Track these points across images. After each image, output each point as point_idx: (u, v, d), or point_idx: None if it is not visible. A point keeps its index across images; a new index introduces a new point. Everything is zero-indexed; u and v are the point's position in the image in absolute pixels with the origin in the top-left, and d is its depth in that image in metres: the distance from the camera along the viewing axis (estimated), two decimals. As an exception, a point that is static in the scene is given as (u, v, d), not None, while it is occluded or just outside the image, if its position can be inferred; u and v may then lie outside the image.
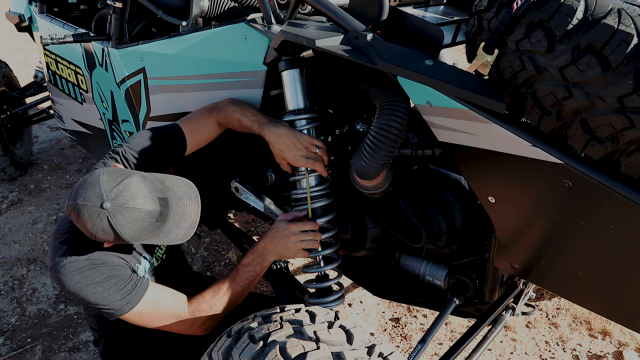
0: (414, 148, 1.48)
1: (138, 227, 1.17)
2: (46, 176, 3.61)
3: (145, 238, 1.21)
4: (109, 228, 1.15)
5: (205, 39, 1.58)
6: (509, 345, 2.23)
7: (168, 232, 1.24)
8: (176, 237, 1.25)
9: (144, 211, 1.17)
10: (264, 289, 2.57)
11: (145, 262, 1.44)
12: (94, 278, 1.25)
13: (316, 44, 1.19)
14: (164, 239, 1.24)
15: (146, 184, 1.20)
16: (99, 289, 1.25)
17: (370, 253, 1.67)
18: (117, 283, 1.27)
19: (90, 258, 1.27)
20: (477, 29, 1.09)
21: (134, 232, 1.17)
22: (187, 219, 1.26)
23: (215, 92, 1.62)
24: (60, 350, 2.17)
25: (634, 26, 0.83)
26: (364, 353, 1.06)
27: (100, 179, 1.16)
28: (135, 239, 1.19)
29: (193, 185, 1.32)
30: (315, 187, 1.45)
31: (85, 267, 1.25)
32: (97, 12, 2.38)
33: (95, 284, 1.25)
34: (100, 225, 1.15)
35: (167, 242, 1.26)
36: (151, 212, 1.18)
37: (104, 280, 1.26)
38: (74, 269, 1.24)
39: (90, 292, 1.25)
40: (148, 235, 1.21)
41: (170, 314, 1.34)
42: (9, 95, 3.51)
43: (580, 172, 0.94)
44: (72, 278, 1.24)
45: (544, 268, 1.16)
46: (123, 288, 1.27)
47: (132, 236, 1.18)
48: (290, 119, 1.43)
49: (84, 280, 1.24)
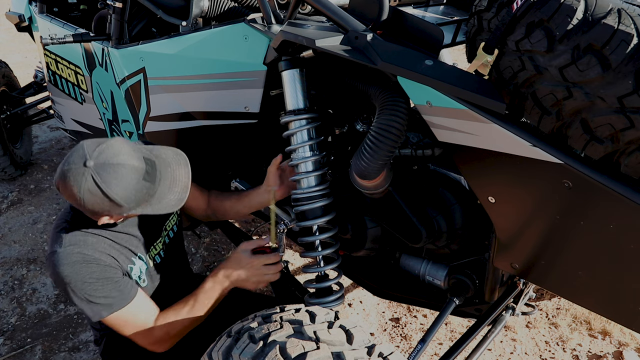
0: (414, 148, 1.48)
1: (125, 184, 1.14)
2: (46, 176, 3.61)
3: (137, 202, 1.18)
4: (95, 187, 1.11)
5: (205, 39, 1.58)
6: (509, 345, 2.23)
7: (160, 198, 1.22)
8: (170, 203, 1.23)
9: (129, 166, 1.14)
10: (264, 289, 2.57)
11: (140, 263, 1.42)
12: (84, 275, 1.23)
13: (316, 44, 1.19)
14: (157, 206, 1.22)
15: (129, 144, 1.19)
16: (87, 288, 1.24)
17: (370, 253, 1.67)
18: (105, 286, 1.26)
19: (83, 252, 1.25)
20: (477, 29, 1.09)
21: (122, 191, 1.13)
22: (179, 183, 1.24)
23: (215, 92, 1.62)
24: (60, 350, 2.17)
25: (634, 26, 0.83)
26: (364, 353, 1.06)
27: (84, 144, 1.16)
28: (126, 200, 1.15)
29: (181, 152, 1.31)
30: (315, 187, 1.45)
31: (77, 262, 1.23)
32: (97, 12, 2.38)
33: (84, 282, 1.23)
34: (86, 186, 1.11)
35: (161, 210, 1.23)
36: (137, 167, 1.16)
37: (94, 280, 1.24)
38: (66, 262, 1.23)
39: (78, 288, 1.24)
40: (139, 197, 1.17)
41: (143, 325, 1.34)
42: (9, 95, 3.51)
43: (580, 172, 0.94)
44: (64, 270, 1.22)
45: (544, 268, 1.16)
46: (109, 294, 1.26)
47: (122, 196, 1.14)
48: (290, 119, 1.43)
49: (74, 274, 1.23)
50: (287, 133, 1.46)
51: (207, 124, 1.75)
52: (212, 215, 1.76)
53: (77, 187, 1.12)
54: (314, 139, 1.45)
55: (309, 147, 1.44)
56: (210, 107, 1.68)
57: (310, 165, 1.45)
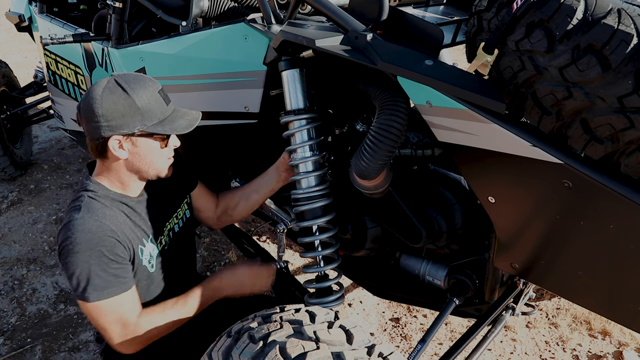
0: (414, 148, 1.48)
1: (143, 85, 1.24)
2: (46, 176, 3.61)
3: (152, 112, 1.24)
4: (115, 85, 1.21)
5: (205, 39, 1.58)
6: (509, 345, 2.23)
7: (172, 121, 1.28)
8: (181, 125, 1.30)
9: (147, 78, 1.28)
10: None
11: (151, 247, 1.39)
12: (96, 244, 1.21)
13: (316, 44, 1.19)
14: (169, 126, 1.27)
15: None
16: (85, 266, 1.20)
17: (370, 253, 1.67)
18: (110, 265, 1.23)
19: (100, 221, 1.23)
20: (477, 29, 1.09)
21: (140, 89, 1.22)
22: (189, 115, 1.34)
23: (215, 92, 1.63)
24: (60, 350, 2.17)
25: (634, 26, 0.83)
26: (364, 353, 1.06)
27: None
28: (143, 101, 1.22)
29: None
30: (315, 187, 1.45)
31: (92, 230, 1.21)
32: (97, 12, 2.38)
33: (85, 259, 1.20)
34: (107, 85, 1.21)
35: (172, 129, 1.28)
36: (154, 80, 1.28)
37: (98, 256, 1.21)
38: (81, 227, 1.21)
39: (74, 261, 1.20)
40: (154, 107, 1.24)
41: (124, 320, 1.28)
42: (9, 95, 3.51)
43: (580, 172, 0.94)
44: (78, 236, 1.20)
45: (544, 268, 1.16)
46: (107, 279, 1.22)
47: (140, 95, 1.22)
48: (290, 119, 1.43)
49: (86, 243, 1.20)
50: (287, 133, 1.46)
51: (207, 124, 1.75)
52: (223, 214, 1.74)
53: (99, 90, 1.20)
54: (314, 139, 1.45)
55: (309, 147, 1.44)
56: (210, 107, 1.68)
57: (310, 165, 1.45)
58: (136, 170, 1.31)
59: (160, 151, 1.31)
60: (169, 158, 1.36)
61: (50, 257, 2.76)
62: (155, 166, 1.32)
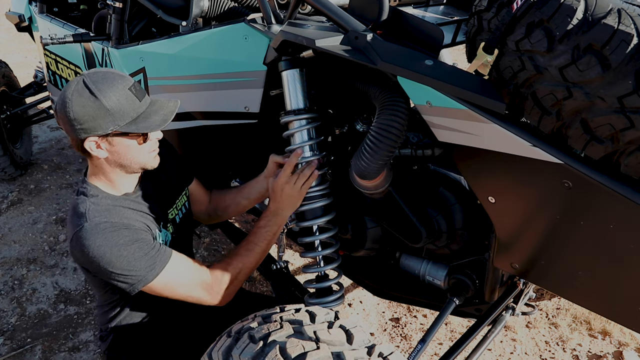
0: (414, 148, 1.48)
1: (111, 84, 1.20)
2: (46, 176, 3.61)
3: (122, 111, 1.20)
4: (83, 87, 1.17)
5: (205, 39, 1.58)
6: (509, 345, 2.23)
7: (146, 117, 1.25)
8: (155, 122, 1.26)
9: (117, 74, 1.24)
10: (264, 289, 2.58)
11: (164, 234, 1.41)
12: (117, 240, 1.20)
13: (316, 44, 1.19)
14: (142, 124, 1.24)
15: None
16: (124, 253, 1.20)
17: (370, 253, 1.67)
18: (142, 247, 1.23)
19: (110, 221, 1.23)
20: (477, 29, 1.09)
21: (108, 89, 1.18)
22: (165, 109, 1.30)
23: (215, 92, 1.63)
24: (60, 350, 2.17)
25: (634, 26, 0.83)
26: (364, 353, 1.06)
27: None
28: (114, 101, 1.19)
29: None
30: (315, 187, 1.45)
31: (108, 229, 1.21)
32: (97, 12, 2.38)
33: (119, 246, 1.20)
34: (76, 87, 1.18)
35: (145, 128, 1.25)
36: (125, 76, 1.24)
37: (128, 243, 1.21)
38: (96, 232, 1.20)
39: (115, 255, 1.19)
40: (124, 105, 1.20)
41: (196, 281, 1.30)
42: (9, 95, 3.51)
43: (580, 172, 0.94)
44: (95, 241, 1.19)
45: (544, 268, 1.16)
46: (147, 253, 1.23)
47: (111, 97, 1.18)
48: (290, 119, 1.43)
49: (107, 242, 1.19)
50: (287, 133, 1.46)
51: (207, 124, 1.75)
52: (213, 213, 1.76)
53: (69, 93, 1.18)
54: (314, 139, 1.45)
55: (309, 147, 1.44)
56: (210, 107, 1.68)
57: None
58: (120, 166, 1.31)
59: (139, 147, 1.29)
60: (153, 150, 1.34)
61: (50, 257, 2.76)
62: (137, 161, 1.31)
